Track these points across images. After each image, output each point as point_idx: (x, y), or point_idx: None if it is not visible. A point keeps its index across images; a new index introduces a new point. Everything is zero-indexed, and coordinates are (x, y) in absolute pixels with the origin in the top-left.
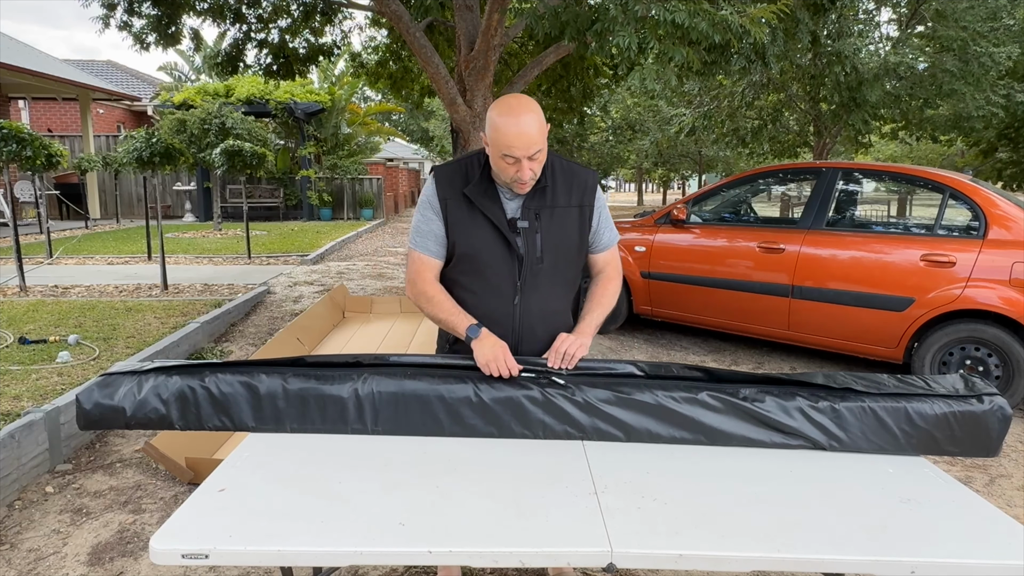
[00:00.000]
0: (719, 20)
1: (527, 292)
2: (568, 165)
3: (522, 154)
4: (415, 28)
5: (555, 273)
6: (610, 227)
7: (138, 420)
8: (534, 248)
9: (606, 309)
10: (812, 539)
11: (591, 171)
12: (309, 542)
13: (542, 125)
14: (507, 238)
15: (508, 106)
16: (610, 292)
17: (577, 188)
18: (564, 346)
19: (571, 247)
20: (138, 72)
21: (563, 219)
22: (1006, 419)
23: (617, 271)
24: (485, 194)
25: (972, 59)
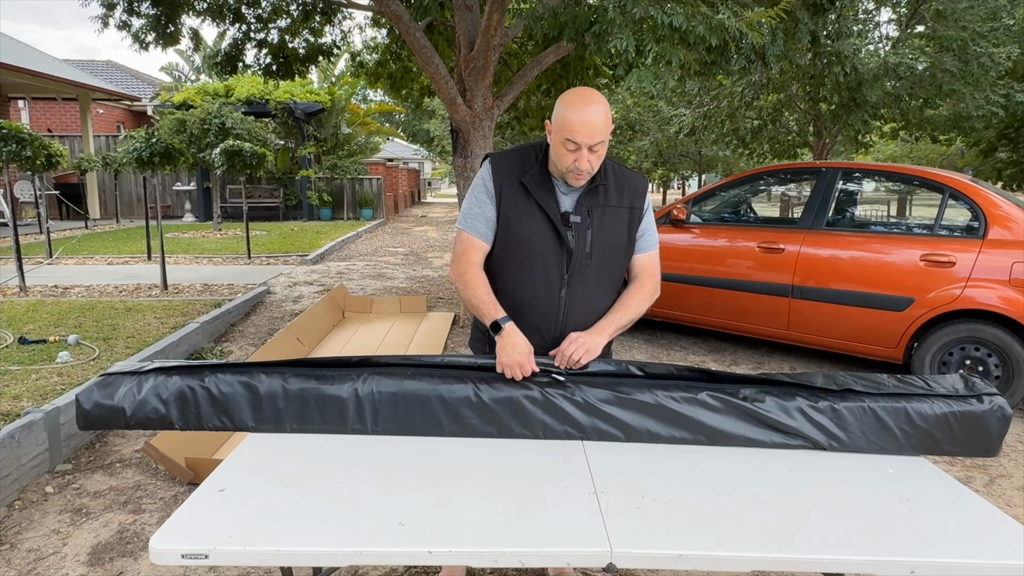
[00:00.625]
0: (716, 24)
1: (573, 286)
2: (620, 168)
3: (584, 141)
4: (415, 28)
5: (602, 270)
6: (653, 232)
7: (138, 420)
8: (584, 243)
9: (632, 312)
10: (812, 539)
11: (642, 176)
12: (309, 542)
13: (608, 120)
14: (559, 231)
15: (579, 94)
16: (641, 296)
17: (629, 190)
18: (571, 349)
19: (620, 246)
20: (138, 72)
21: (614, 218)
22: (1006, 419)
23: (652, 277)
24: (542, 185)
25: (972, 59)
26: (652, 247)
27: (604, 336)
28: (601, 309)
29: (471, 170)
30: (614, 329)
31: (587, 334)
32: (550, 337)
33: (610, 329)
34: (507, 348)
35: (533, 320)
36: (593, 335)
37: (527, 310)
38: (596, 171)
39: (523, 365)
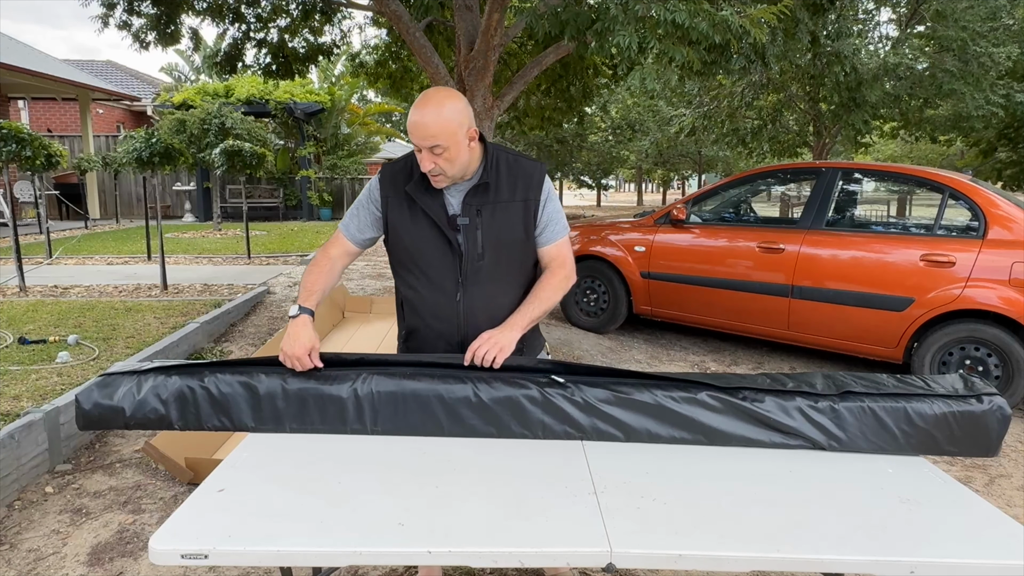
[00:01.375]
0: (719, 20)
1: (469, 288)
2: (515, 159)
3: (418, 143)
4: (415, 28)
5: (498, 268)
6: (557, 220)
7: (137, 420)
8: (475, 244)
9: (544, 303)
10: (812, 539)
11: (539, 164)
12: (308, 542)
13: (446, 122)
14: (447, 235)
15: (423, 95)
16: (552, 285)
17: (522, 183)
18: (484, 349)
19: (515, 242)
20: (138, 72)
21: (506, 214)
22: (1005, 419)
23: (563, 265)
24: (427, 191)
25: (972, 59)
26: (558, 236)
27: (517, 331)
28: (504, 307)
29: None
30: (527, 322)
31: (498, 331)
32: (455, 342)
33: (522, 323)
34: (290, 338)
35: (436, 327)
36: (505, 331)
37: (428, 318)
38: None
39: (300, 359)
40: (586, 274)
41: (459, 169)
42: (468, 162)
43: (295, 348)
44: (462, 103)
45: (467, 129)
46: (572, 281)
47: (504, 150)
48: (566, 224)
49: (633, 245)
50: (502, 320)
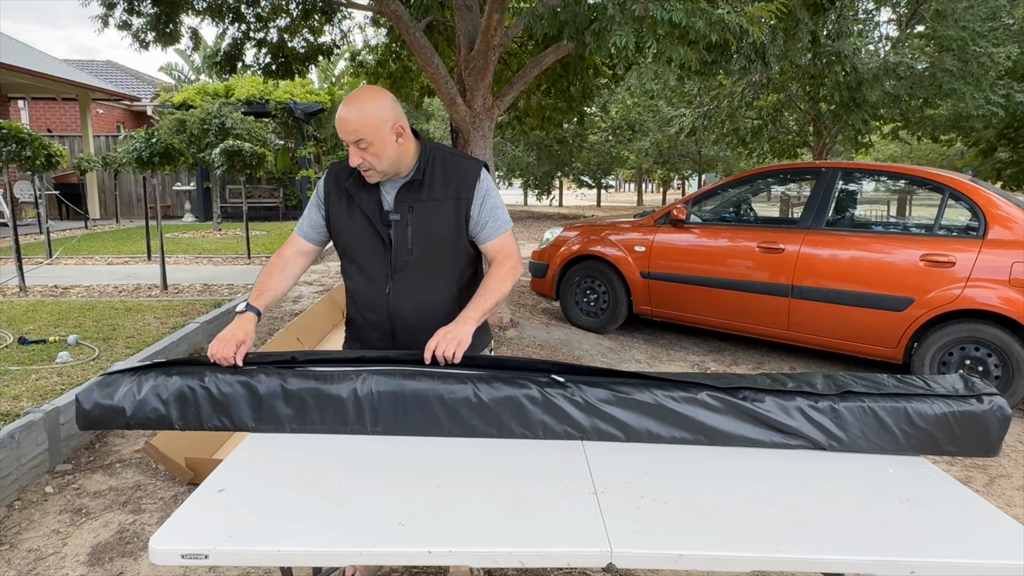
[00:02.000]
0: (716, 19)
1: (398, 282)
2: (451, 157)
3: (344, 138)
4: (415, 28)
5: (427, 264)
6: (497, 217)
7: (138, 420)
8: (404, 240)
9: (494, 294)
10: (812, 539)
11: (475, 162)
12: (309, 542)
13: (368, 117)
14: (379, 230)
15: (353, 92)
16: (499, 276)
17: (456, 181)
18: (442, 347)
19: (445, 239)
20: (138, 72)
21: (437, 212)
22: (1005, 419)
23: (508, 257)
24: (364, 187)
25: (971, 59)
26: (499, 232)
27: (471, 323)
28: (433, 303)
29: None
30: (480, 315)
31: (453, 325)
32: (386, 332)
33: (476, 315)
34: (228, 328)
35: (369, 317)
36: (459, 325)
37: (362, 308)
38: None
39: (221, 352)
40: (586, 274)
41: (388, 165)
42: (398, 158)
43: (227, 332)
44: (387, 100)
45: (392, 125)
46: (519, 272)
47: (443, 149)
48: (508, 220)
49: (633, 245)
50: (432, 315)
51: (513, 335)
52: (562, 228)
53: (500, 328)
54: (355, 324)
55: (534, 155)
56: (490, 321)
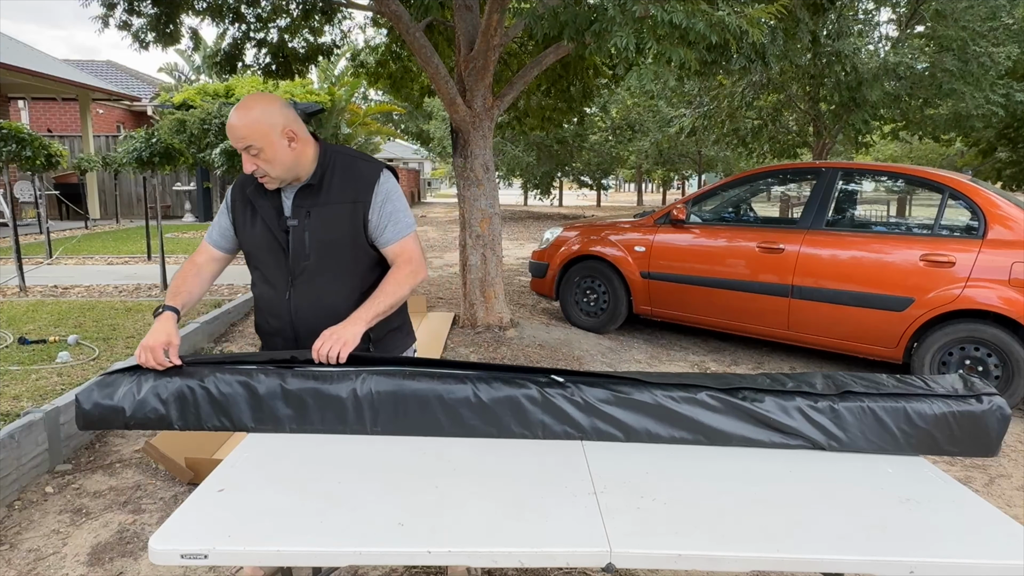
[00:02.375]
0: (716, 21)
1: (298, 287)
2: (352, 161)
3: (234, 145)
4: (415, 28)
5: (326, 269)
6: (397, 220)
7: (137, 420)
8: (302, 245)
9: (388, 297)
10: (811, 539)
11: (376, 165)
12: (308, 542)
13: (254, 123)
14: (277, 236)
15: (241, 100)
16: (396, 280)
17: (354, 185)
18: (327, 347)
19: (343, 244)
20: (138, 72)
21: (334, 216)
22: (1005, 419)
23: (408, 261)
24: (265, 194)
25: (971, 59)
26: (399, 235)
27: (360, 324)
28: (333, 307)
29: (471, 170)
30: (371, 316)
31: (341, 325)
32: (290, 338)
33: (367, 316)
34: (150, 332)
35: (273, 323)
36: (348, 325)
37: (266, 314)
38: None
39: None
40: (586, 274)
41: (282, 170)
42: (293, 163)
43: (150, 339)
44: (275, 105)
45: (281, 130)
46: (420, 276)
47: (344, 152)
48: (410, 223)
49: (633, 245)
50: (332, 318)
51: (513, 335)
52: (562, 228)
53: (500, 328)
54: (261, 331)
55: (534, 155)
56: (489, 320)
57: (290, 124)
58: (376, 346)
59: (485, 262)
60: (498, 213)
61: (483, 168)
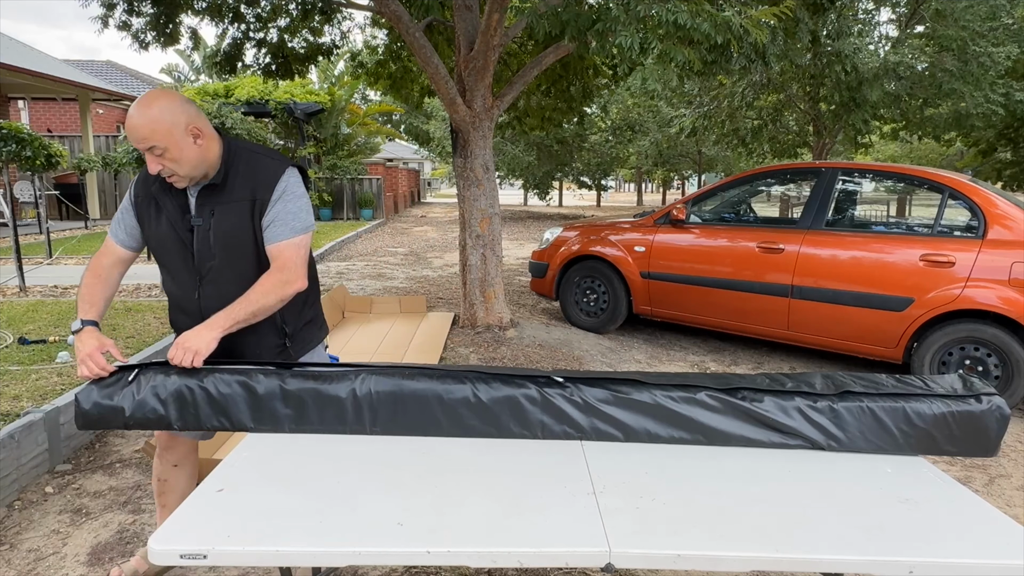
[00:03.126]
0: (721, 21)
1: (206, 286)
2: (256, 157)
3: (136, 146)
4: (414, 28)
5: (231, 267)
6: (284, 221)
7: (136, 420)
8: (207, 245)
9: (250, 304)
10: (811, 539)
11: (281, 163)
12: (308, 542)
13: (154, 122)
14: (181, 235)
15: (139, 98)
16: (261, 288)
17: (254, 181)
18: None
19: (244, 241)
20: (138, 72)
21: (235, 214)
22: (1004, 419)
23: (282, 268)
24: (169, 192)
25: (971, 59)
26: (281, 236)
27: (216, 330)
28: None
29: (471, 170)
30: (228, 323)
31: (195, 332)
32: None
33: (224, 323)
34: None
35: (185, 321)
36: (202, 331)
37: (177, 311)
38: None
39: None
40: (586, 274)
41: (190, 168)
42: (200, 161)
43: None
44: (176, 101)
45: (186, 127)
46: (293, 287)
47: (250, 148)
48: (299, 227)
49: (633, 245)
50: None
51: (513, 335)
52: (562, 228)
53: (500, 328)
54: (176, 328)
55: (534, 155)
56: (489, 320)
57: (194, 120)
58: (292, 340)
59: (485, 262)
60: (498, 213)
61: (483, 168)
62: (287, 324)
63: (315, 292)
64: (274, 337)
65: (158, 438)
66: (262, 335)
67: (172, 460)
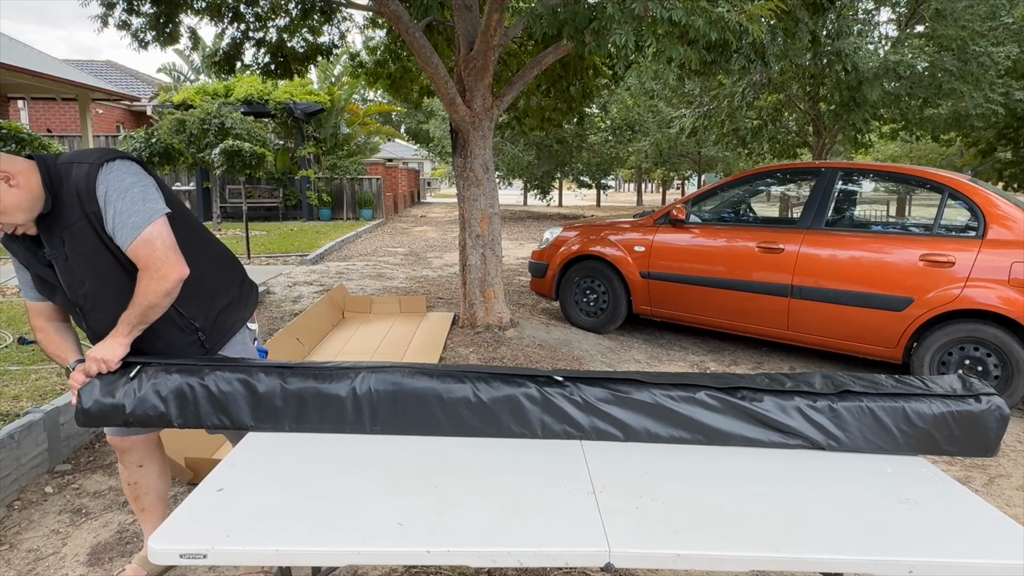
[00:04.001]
0: (716, 17)
1: (89, 313)
2: (71, 170)
3: None
4: (414, 28)
5: (105, 289)
6: (124, 223)
7: (137, 418)
8: (72, 275)
9: (137, 307)
10: (810, 538)
11: (91, 164)
12: (307, 542)
13: None
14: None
15: None
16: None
17: (77, 196)
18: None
19: (102, 259)
20: (137, 72)
21: (80, 235)
22: (1004, 419)
23: (146, 268)
24: (13, 239)
25: (971, 58)
26: (129, 239)
27: (120, 337)
28: None
29: (471, 170)
30: (128, 329)
31: (103, 345)
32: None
33: (124, 331)
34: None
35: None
36: (109, 343)
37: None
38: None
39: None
40: (586, 274)
41: (21, 213)
42: (27, 199)
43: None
44: None
45: None
46: (170, 279)
47: (66, 160)
48: (139, 222)
49: (633, 245)
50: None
51: (513, 335)
52: (562, 228)
53: (500, 328)
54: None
55: (534, 155)
56: (488, 320)
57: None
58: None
59: (485, 262)
60: (498, 213)
61: (483, 168)
62: (195, 319)
63: (225, 275)
64: (182, 335)
65: (112, 443)
66: (167, 336)
67: (135, 461)
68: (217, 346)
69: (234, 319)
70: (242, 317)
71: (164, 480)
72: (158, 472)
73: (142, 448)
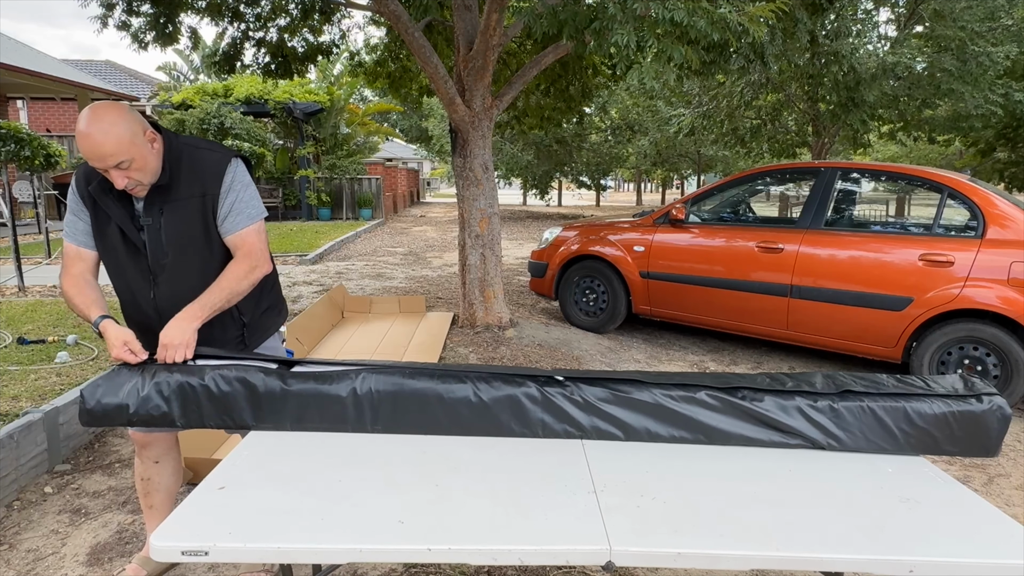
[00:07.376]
0: (718, 18)
1: (161, 285)
2: (197, 152)
3: (100, 165)
4: (414, 28)
5: (185, 265)
6: (240, 211)
7: (140, 417)
8: (159, 244)
9: (222, 292)
10: (810, 538)
11: (224, 155)
12: (308, 539)
13: (121, 136)
14: (131, 236)
15: (85, 116)
16: (232, 275)
17: (201, 177)
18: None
19: (196, 238)
20: (136, 72)
21: (185, 211)
22: (1005, 419)
23: (248, 255)
24: (109, 193)
25: (970, 59)
26: (241, 225)
27: (195, 321)
28: None
29: (470, 170)
30: (206, 312)
31: (176, 326)
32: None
33: (200, 313)
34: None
35: (139, 321)
36: (182, 324)
37: (132, 312)
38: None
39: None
40: (585, 274)
41: (152, 175)
42: (157, 166)
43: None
44: (125, 110)
45: (144, 133)
46: (259, 272)
47: (190, 143)
48: (254, 214)
49: (632, 245)
50: None
51: (512, 335)
52: (561, 228)
53: (499, 328)
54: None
55: (532, 155)
56: (488, 320)
57: (146, 126)
58: (249, 329)
59: (484, 262)
60: (497, 213)
61: (482, 168)
62: (244, 315)
63: (268, 280)
64: (233, 329)
65: (133, 437)
66: (225, 327)
67: (153, 456)
68: (253, 344)
69: (272, 322)
70: (277, 322)
71: (176, 480)
72: (172, 470)
73: (162, 444)
